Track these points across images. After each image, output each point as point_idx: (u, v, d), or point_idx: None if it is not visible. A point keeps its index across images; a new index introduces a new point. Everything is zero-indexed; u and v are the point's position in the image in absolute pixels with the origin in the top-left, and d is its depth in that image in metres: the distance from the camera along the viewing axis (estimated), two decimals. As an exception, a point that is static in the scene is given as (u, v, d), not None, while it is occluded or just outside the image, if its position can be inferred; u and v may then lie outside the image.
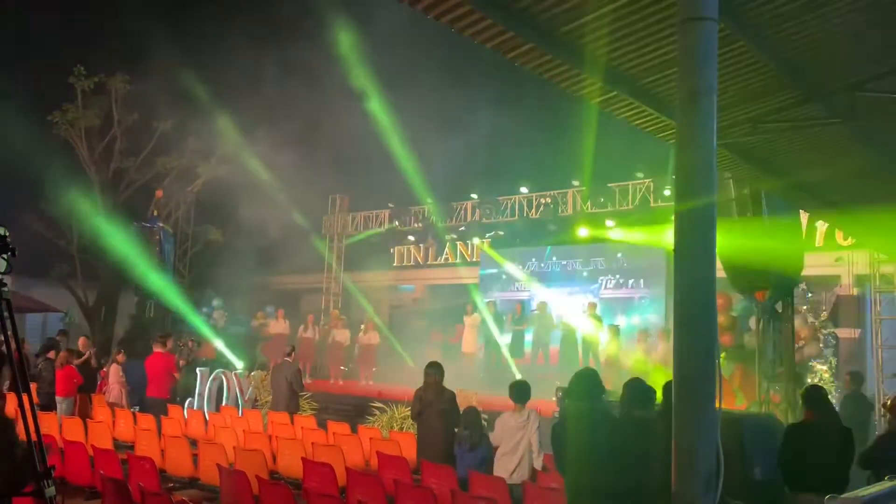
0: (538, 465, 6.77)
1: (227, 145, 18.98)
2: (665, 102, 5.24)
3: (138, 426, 9.88)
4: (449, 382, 7.90)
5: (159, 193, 18.53)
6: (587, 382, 4.94)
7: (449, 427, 7.49)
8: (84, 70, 18.07)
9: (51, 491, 3.17)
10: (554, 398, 10.70)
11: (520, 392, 6.88)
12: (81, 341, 12.91)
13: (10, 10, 17.79)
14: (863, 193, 8.14)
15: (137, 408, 12.25)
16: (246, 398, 13.25)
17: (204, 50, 17.04)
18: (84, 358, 12.16)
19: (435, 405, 7.55)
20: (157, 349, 11.56)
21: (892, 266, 14.25)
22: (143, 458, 7.20)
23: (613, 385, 9.30)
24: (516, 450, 6.67)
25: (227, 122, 18.06)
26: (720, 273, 8.89)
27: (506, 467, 6.70)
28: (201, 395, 12.86)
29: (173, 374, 11.59)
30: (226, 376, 13.24)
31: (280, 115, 17.57)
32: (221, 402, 12.89)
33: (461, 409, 7.67)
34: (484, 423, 7.52)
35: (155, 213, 17.94)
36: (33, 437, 3.18)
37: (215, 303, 20.02)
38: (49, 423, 9.36)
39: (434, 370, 7.73)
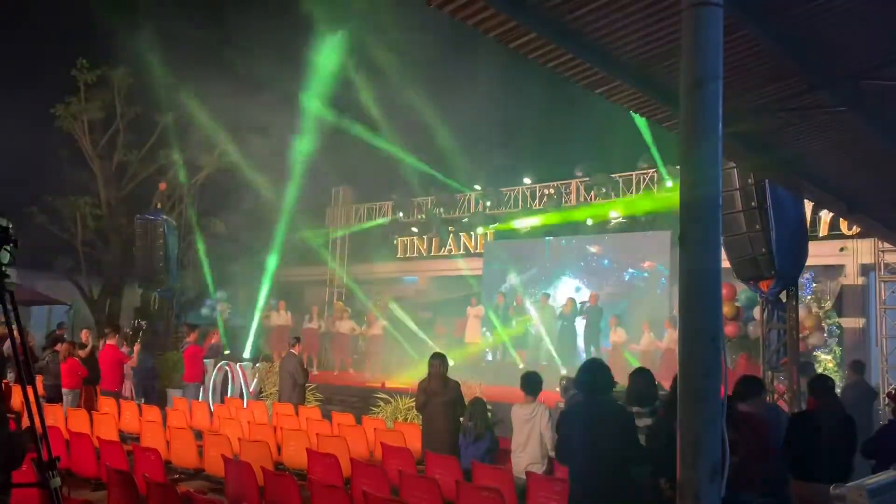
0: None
1: (231, 138, 18.99)
2: (670, 91, 5.20)
3: (143, 418, 9.92)
4: (452, 373, 7.91)
5: (162, 186, 18.54)
6: (597, 374, 4.90)
7: (453, 418, 7.50)
8: (87, 63, 18.06)
9: (56, 482, 3.18)
10: (558, 388, 10.70)
11: (530, 383, 6.85)
12: (84, 334, 12.95)
13: (13, 2, 17.77)
14: (869, 183, 8.09)
15: (143, 399, 12.31)
16: (251, 390, 13.29)
17: (207, 42, 17.00)
18: (88, 350, 12.20)
19: (439, 396, 7.56)
20: (109, 341, 11.59)
21: (896, 255, 14.21)
22: (148, 449, 7.23)
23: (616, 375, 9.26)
24: (526, 443, 6.65)
25: (231, 114, 18.05)
26: (725, 263, 8.92)
27: (516, 461, 6.70)
28: (206, 387, 12.90)
29: (125, 364, 11.68)
30: (230, 368, 13.27)
31: (284, 107, 17.55)
32: (226, 394, 12.93)
33: (466, 400, 7.68)
34: (489, 414, 7.52)
35: (158, 206, 17.95)
36: (38, 428, 3.18)
37: (219, 295, 20.06)
38: (55, 415, 9.40)
39: (438, 361, 7.73)
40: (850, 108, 5.52)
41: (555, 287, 18.00)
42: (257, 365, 14.67)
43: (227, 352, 15.23)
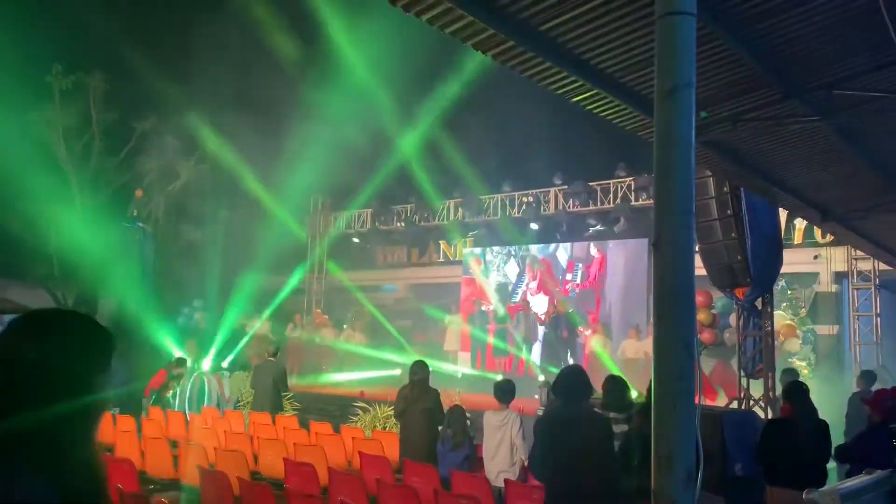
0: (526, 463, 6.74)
1: (207, 145, 18.88)
2: (645, 99, 5.26)
3: (118, 428, 9.78)
4: (432, 381, 7.89)
5: (139, 193, 18.35)
6: (575, 381, 4.91)
7: (432, 426, 7.47)
8: (61, 69, 17.86)
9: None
10: (537, 396, 10.72)
11: (502, 391, 6.86)
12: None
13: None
14: (842, 192, 8.22)
15: (118, 410, 12.13)
16: (228, 398, 13.16)
17: (184, 49, 16.91)
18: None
19: (419, 404, 7.53)
20: None
21: (869, 263, 14.42)
22: (122, 459, 7.12)
23: (597, 382, 9.32)
24: (497, 450, 6.65)
25: (208, 121, 17.95)
26: (701, 270, 9.01)
27: (489, 468, 6.70)
28: (182, 397, 12.76)
29: None
30: (206, 377, 13.14)
31: (262, 115, 17.48)
32: (203, 403, 12.79)
33: (445, 408, 7.66)
34: (468, 422, 7.51)
35: (135, 214, 17.76)
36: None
37: (196, 304, 19.87)
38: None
39: (419, 369, 7.71)
40: (823, 118, 5.61)
41: (534, 294, 18.03)
42: (234, 374, 14.54)
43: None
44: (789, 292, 13.89)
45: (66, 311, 1.63)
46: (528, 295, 18.06)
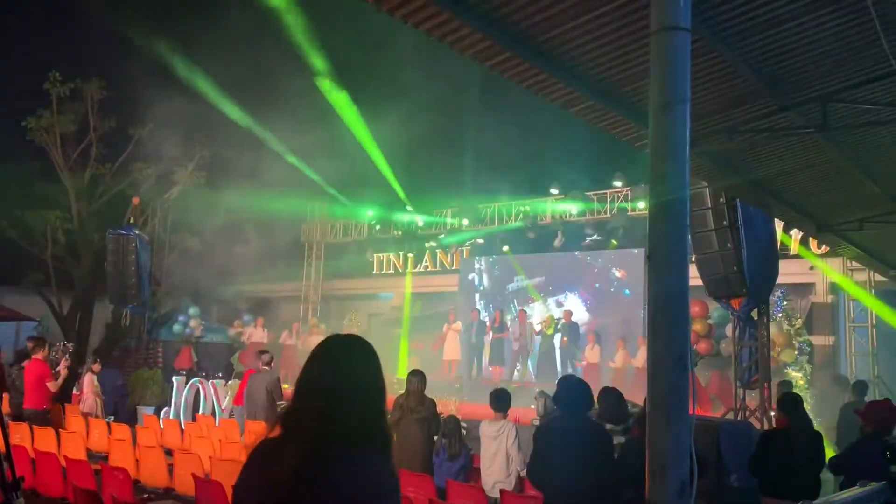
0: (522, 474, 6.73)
1: (204, 153, 18.87)
2: (642, 110, 5.28)
3: (112, 436, 9.74)
4: (428, 391, 7.87)
5: (136, 201, 18.31)
6: (575, 391, 4.89)
7: (428, 435, 7.44)
8: (59, 75, 17.85)
9: (20, 503, 3.11)
10: (533, 405, 10.70)
11: (498, 400, 6.85)
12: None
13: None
14: (837, 203, 8.25)
15: (112, 417, 12.09)
16: (224, 407, 13.11)
17: (182, 54, 16.91)
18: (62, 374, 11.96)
19: (415, 413, 7.50)
20: (36, 356, 10.28)
21: (864, 274, 14.45)
22: (116, 468, 7.09)
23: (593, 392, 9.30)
24: (493, 460, 6.64)
25: (206, 128, 17.94)
26: (697, 280, 9.02)
27: (485, 478, 6.68)
28: (177, 405, 12.72)
29: (48, 383, 10.29)
30: (202, 385, 13.10)
31: (260, 121, 17.48)
32: (198, 412, 12.76)
33: (441, 417, 7.64)
34: (463, 432, 7.49)
35: (131, 221, 17.73)
36: (1, 447, 3.12)
37: (192, 311, 19.83)
38: (21, 434, 9.20)
39: (417, 378, 7.67)
40: (817, 130, 5.64)
41: (532, 304, 18.04)
42: (230, 382, 14.49)
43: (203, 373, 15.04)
44: (785, 303, 13.90)
45: (358, 337, 2.10)
46: (525, 304, 18.08)
